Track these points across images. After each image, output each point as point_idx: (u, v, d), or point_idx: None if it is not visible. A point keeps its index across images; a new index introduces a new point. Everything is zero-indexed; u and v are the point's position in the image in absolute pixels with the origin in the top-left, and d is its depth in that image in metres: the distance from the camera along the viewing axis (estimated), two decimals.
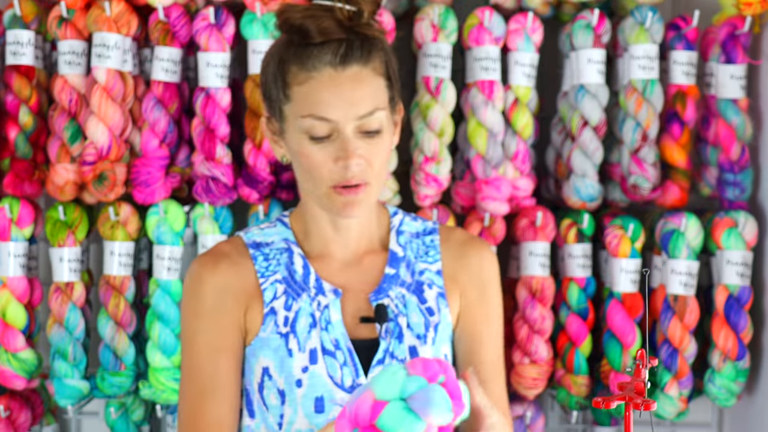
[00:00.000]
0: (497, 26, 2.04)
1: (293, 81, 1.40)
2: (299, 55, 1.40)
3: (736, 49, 2.05)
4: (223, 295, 1.47)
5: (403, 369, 1.10)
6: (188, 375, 1.47)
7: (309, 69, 1.39)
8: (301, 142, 1.41)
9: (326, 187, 1.41)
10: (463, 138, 2.10)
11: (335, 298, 1.47)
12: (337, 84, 1.39)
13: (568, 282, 2.09)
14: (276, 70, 1.43)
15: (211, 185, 2.01)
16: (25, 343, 2.04)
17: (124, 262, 2.05)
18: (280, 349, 1.44)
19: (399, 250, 1.53)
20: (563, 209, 2.17)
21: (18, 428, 2.13)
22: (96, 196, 2.03)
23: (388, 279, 1.50)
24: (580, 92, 2.07)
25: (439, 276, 1.53)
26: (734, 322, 2.03)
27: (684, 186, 2.10)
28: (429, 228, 1.57)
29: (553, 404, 2.33)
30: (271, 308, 1.46)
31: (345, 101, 1.39)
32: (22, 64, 2.03)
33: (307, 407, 1.43)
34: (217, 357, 1.45)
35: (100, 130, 1.98)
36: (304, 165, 1.42)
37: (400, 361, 1.45)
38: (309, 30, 1.38)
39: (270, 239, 1.51)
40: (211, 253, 1.51)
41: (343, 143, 1.39)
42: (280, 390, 1.44)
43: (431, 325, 1.49)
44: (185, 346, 1.49)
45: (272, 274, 1.48)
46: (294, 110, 1.41)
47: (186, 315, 1.49)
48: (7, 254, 2.02)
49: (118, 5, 1.99)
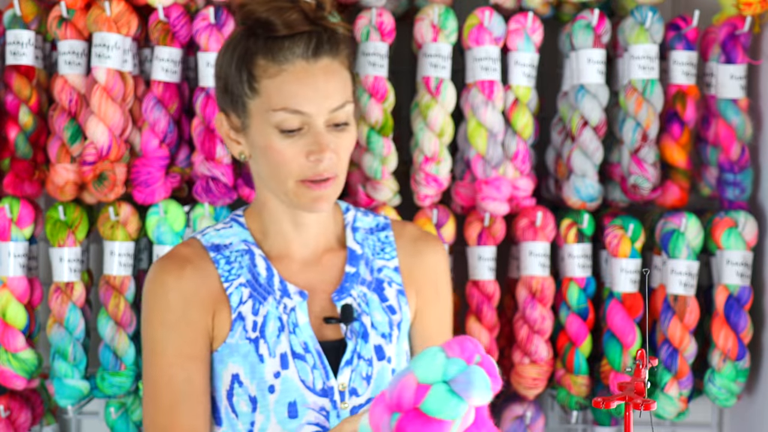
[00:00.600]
0: (497, 26, 2.04)
1: (262, 74, 1.37)
2: (269, 48, 1.37)
3: (736, 49, 2.05)
4: (190, 301, 1.41)
5: (442, 351, 1.10)
6: (158, 386, 1.41)
7: (280, 62, 1.36)
8: (270, 136, 1.37)
9: (294, 182, 1.38)
10: (463, 138, 2.10)
11: (302, 300, 1.44)
12: (309, 76, 1.37)
13: (568, 282, 2.09)
14: (240, 64, 1.39)
15: (211, 185, 2.01)
16: (25, 343, 2.04)
17: (124, 262, 2.05)
18: (250, 355, 1.41)
19: (357, 247, 1.51)
20: (563, 209, 2.17)
21: (18, 428, 2.13)
22: (96, 196, 2.03)
23: (349, 278, 1.48)
24: (580, 92, 2.07)
25: (397, 273, 1.52)
26: (734, 322, 2.03)
27: (684, 186, 2.10)
28: (382, 223, 1.56)
29: (553, 404, 2.33)
30: (238, 313, 1.42)
31: (318, 94, 1.37)
32: (22, 64, 2.03)
33: (280, 413, 1.40)
34: (189, 366, 1.40)
35: (100, 130, 1.98)
36: (272, 160, 1.38)
37: (366, 361, 1.44)
38: (275, 23, 1.36)
39: (228, 240, 1.47)
40: (172, 258, 1.44)
41: (316, 137, 1.37)
42: (251, 397, 1.41)
43: (394, 323, 1.48)
44: (151, 356, 1.42)
45: (236, 278, 1.44)
46: (263, 104, 1.38)
47: (152, 324, 1.43)
48: (7, 254, 2.02)
49: (118, 5, 1.99)
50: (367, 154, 2.04)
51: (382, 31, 2.03)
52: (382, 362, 1.45)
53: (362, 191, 2.05)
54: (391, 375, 1.45)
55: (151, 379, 1.42)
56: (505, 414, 2.16)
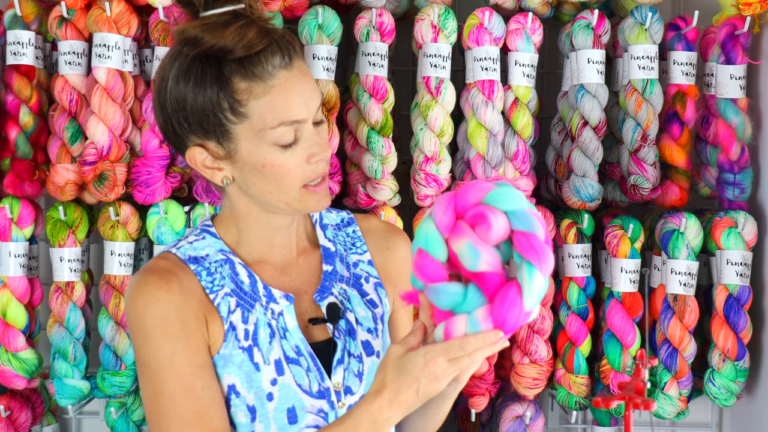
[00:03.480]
0: (497, 26, 2.05)
1: (248, 97, 1.32)
2: (246, 68, 1.32)
3: (735, 49, 2.05)
4: (184, 312, 1.35)
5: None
6: (176, 399, 1.34)
7: (265, 78, 1.32)
8: (269, 154, 1.34)
9: (298, 190, 1.37)
10: (463, 138, 2.10)
11: (289, 304, 1.42)
12: (293, 83, 1.34)
13: (568, 282, 2.09)
14: (218, 91, 1.32)
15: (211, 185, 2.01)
16: (25, 343, 2.04)
17: (125, 262, 2.05)
18: (245, 364, 1.38)
19: (329, 245, 1.50)
20: (563, 209, 2.17)
21: (18, 428, 2.13)
22: (96, 196, 2.03)
23: (327, 276, 1.47)
24: (580, 92, 2.07)
25: (372, 266, 1.51)
26: (734, 322, 2.04)
27: (684, 186, 2.10)
28: (346, 219, 1.55)
29: (553, 404, 2.33)
30: (230, 323, 1.38)
31: (305, 97, 1.35)
32: (22, 64, 2.03)
33: (280, 420, 1.38)
34: (202, 373, 1.35)
35: (101, 130, 1.98)
36: (273, 175, 1.35)
37: (356, 358, 1.44)
38: (236, 45, 1.30)
39: (204, 252, 1.42)
40: (154, 272, 1.37)
41: (312, 139, 1.36)
42: (249, 406, 1.38)
43: (378, 317, 1.48)
44: (160, 372, 1.34)
45: (220, 288, 1.39)
46: (254, 126, 1.33)
47: (152, 339, 1.34)
48: (7, 254, 2.02)
49: (118, 5, 1.99)
50: (367, 154, 2.04)
51: (382, 31, 2.03)
52: (371, 357, 1.45)
53: (362, 191, 2.05)
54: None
55: (167, 394, 1.34)
56: (505, 414, 2.16)
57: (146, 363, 1.35)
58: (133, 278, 1.38)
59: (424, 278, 1.19)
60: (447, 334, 1.18)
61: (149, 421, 1.36)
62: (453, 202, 1.17)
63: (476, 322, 1.16)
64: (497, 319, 1.16)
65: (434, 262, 1.18)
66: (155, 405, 1.35)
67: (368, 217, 1.58)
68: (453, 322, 1.18)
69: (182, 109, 1.34)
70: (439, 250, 1.17)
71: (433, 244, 1.17)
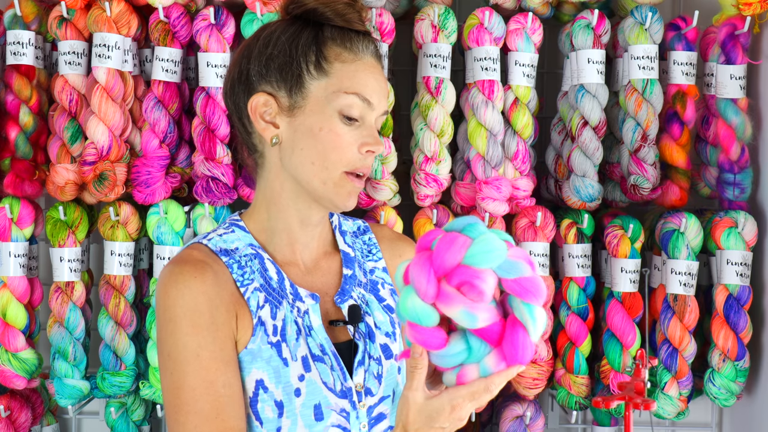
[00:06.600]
0: (497, 26, 2.05)
1: (336, 58, 1.39)
2: (342, 37, 1.40)
3: (735, 49, 2.05)
4: (215, 304, 1.36)
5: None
6: (196, 393, 1.33)
7: (355, 52, 1.40)
8: (331, 119, 1.38)
9: (340, 172, 1.38)
10: (463, 138, 2.10)
11: (314, 303, 1.43)
12: (377, 74, 1.41)
13: (568, 282, 2.09)
14: (309, 44, 1.39)
15: (211, 185, 2.01)
16: (25, 343, 2.04)
17: (125, 262, 2.05)
18: (273, 359, 1.38)
19: (349, 250, 1.53)
20: (563, 209, 2.17)
21: (18, 428, 2.13)
22: (96, 196, 2.04)
23: (347, 280, 1.49)
24: (580, 92, 2.07)
25: (386, 273, 1.54)
26: (734, 322, 2.04)
27: (684, 186, 2.10)
28: (362, 227, 1.58)
29: (553, 404, 2.33)
30: (259, 318, 1.39)
31: (383, 91, 1.42)
32: (22, 64, 2.03)
33: (307, 416, 1.39)
34: (226, 369, 1.35)
35: (101, 130, 1.98)
36: (326, 143, 1.38)
37: (376, 361, 1.45)
38: (340, 16, 1.40)
39: (234, 245, 1.44)
40: (189, 261, 1.38)
41: (371, 131, 1.40)
42: (277, 401, 1.38)
43: (395, 322, 1.50)
44: (183, 364, 1.33)
45: (250, 282, 1.41)
46: (330, 86, 1.38)
47: (180, 330, 1.34)
48: (7, 254, 2.02)
49: (118, 5, 1.99)
50: None
51: (382, 31, 2.03)
52: (390, 360, 1.46)
53: (362, 191, 2.05)
54: (398, 373, 1.47)
55: (188, 387, 1.33)
56: (505, 414, 2.16)
57: (170, 354, 1.35)
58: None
59: (424, 347, 1.19)
60: (460, 381, 1.19)
61: (167, 413, 1.36)
62: (431, 267, 1.15)
63: (487, 368, 1.17)
64: (511, 360, 1.16)
65: (429, 330, 1.17)
66: (175, 397, 1.34)
67: (381, 226, 1.62)
68: (464, 371, 1.18)
69: (269, 51, 1.40)
70: (430, 319, 1.16)
71: (423, 316, 1.16)
